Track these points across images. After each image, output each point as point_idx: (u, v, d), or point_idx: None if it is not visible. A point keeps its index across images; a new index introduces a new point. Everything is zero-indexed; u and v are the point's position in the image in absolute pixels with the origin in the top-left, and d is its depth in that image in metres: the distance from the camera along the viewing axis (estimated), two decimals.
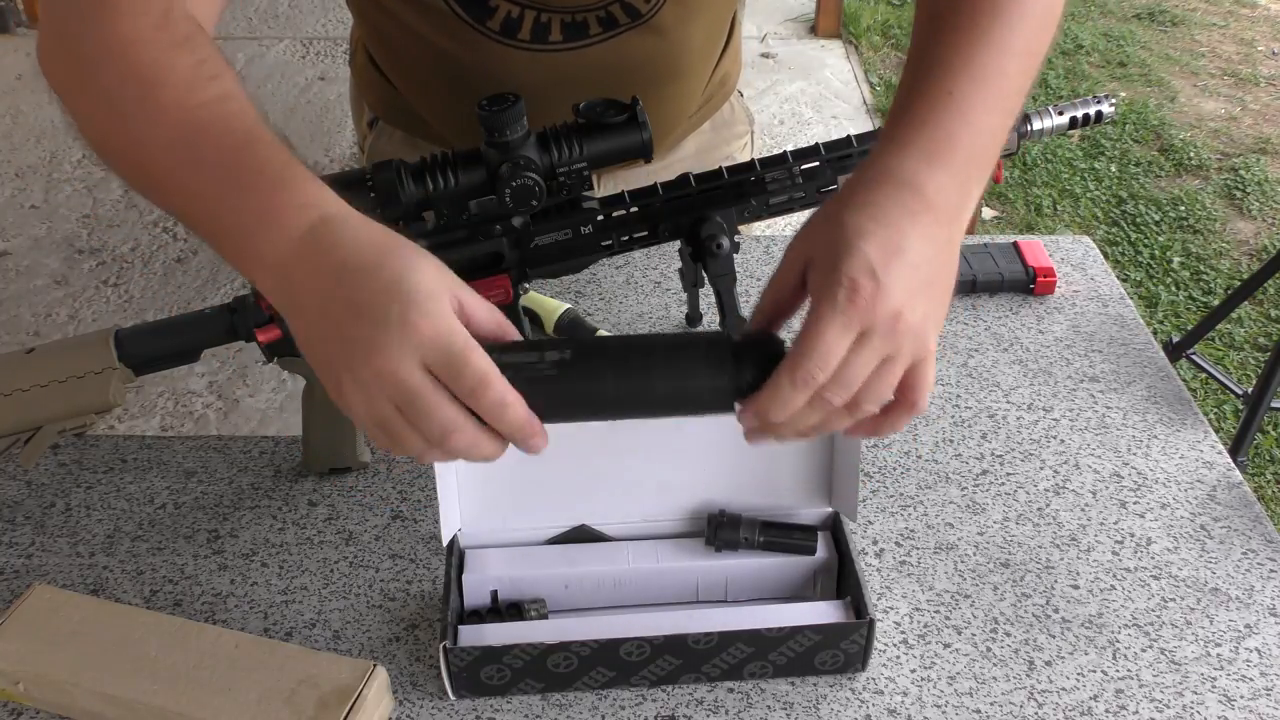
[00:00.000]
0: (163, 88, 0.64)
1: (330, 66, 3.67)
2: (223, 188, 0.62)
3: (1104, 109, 0.85)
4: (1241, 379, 2.45)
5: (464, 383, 0.57)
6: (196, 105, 0.64)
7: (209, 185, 0.63)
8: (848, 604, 0.76)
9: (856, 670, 0.75)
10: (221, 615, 0.81)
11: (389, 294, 0.56)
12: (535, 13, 0.93)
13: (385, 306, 0.56)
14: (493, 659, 0.72)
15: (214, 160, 0.63)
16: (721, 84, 1.15)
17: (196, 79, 0.65)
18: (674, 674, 0.74)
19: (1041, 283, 1.11)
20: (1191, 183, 3.29)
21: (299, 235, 0.59)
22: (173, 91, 0.64)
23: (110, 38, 0.66)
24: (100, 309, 2.63)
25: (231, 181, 0.62)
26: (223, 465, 0.94)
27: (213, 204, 0.63)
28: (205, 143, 0.63)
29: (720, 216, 0.83)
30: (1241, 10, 4.39)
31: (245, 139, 0.63)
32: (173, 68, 0.65)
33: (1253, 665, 0.76)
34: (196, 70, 0.65)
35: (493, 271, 0.82)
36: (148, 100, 0.64)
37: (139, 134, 0.65)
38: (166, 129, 0.64)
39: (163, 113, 0.64)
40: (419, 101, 1.08)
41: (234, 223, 0.62)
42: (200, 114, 0.64)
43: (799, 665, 0.74)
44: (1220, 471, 0.92)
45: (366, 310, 0.56)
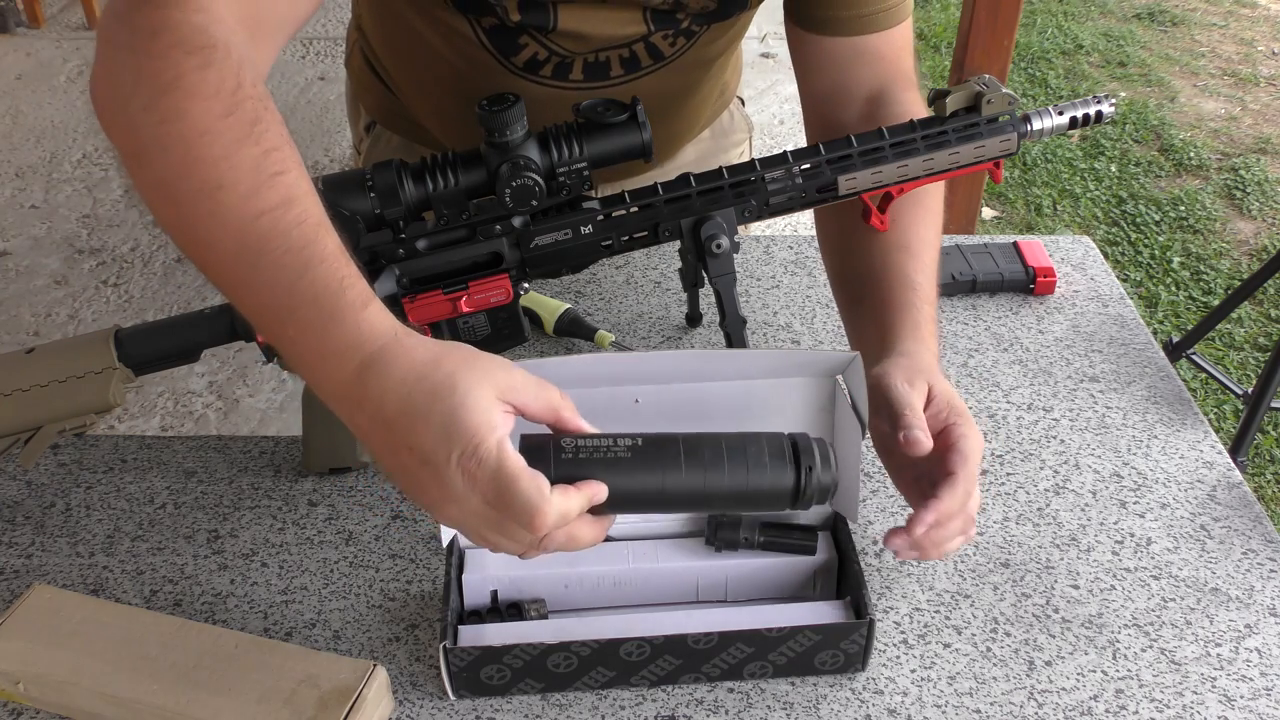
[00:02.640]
0: (226, 191, 0.62)
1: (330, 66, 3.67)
2: (280, 317, 0.63)
3: (1104, 109, 0.85)
4: (1241, 379, 2.45)
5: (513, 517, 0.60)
6: (258, 214, 0.62)
7: (267, 310, 0.64)
8: (848, 604, 0.76)
9: (856, 670, 0.75)
10: (221, 615, 0.81)
11: (444, 439, 0.59)
12: (561, 57, 0.94)
13: (444, 453, 0.59)
14: (493, 659, 0.72)
15: (272, 282, 0.62)
16: (721, 93, 1.15)
17: (260, 180, 0.63)
18: (674, 674, 0.74)
19: (1041, 283, 1.11)
20: (1191, 183, 3.29)
21: (350, 380, 0.62)
22: (236, 196, 0.62)
23: (176, 126, 0.63)
24: (100, 309, 2.63)
25: (288, 312, 0.62)
26: (223, 465, 0.94)
27: (273, 327, 0.64)
28: (265, 262, 0.62)
29: (720, 216, 0.83)
30: (1241, 10, 4.39)
31: (303, 262, 0.62)
32: (237, 167, 0.63)
33: (1253, 665, 0.76)
34: (261, 166, 0.63)
35: (493, 271, 0.82)
36: (211, 201, 0.63)
37: (200, 233, 0.64)
38: (229, 237, 0.63)
39: (225, 218, 0.63)
40: (423, 112, 1.08)
41: (291, 352, 0.64)
42: (262, 225, 0.62)
43: (799, 665, 0.74)
44: (1220, 471, 0.92)
45: (426, 458, 0.60)
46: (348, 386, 0.62)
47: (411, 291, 0.82)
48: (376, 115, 1.15)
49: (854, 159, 0.83)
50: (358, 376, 0.61)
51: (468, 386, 0.60)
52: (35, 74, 3.68)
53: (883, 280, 0.85)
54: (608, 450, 0.63)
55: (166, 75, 0.63)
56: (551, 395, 0.64)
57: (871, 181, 0.84)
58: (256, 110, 0.64)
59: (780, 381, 0.78)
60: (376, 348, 0.62)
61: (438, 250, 0.81)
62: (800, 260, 1.17)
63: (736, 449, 0.64)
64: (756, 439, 0.65)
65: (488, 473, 0.59)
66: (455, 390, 0.60)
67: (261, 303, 0.64)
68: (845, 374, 0.77)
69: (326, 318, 0.62)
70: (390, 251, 0.81)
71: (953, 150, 0.83)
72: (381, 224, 0.78)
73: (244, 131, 0.63)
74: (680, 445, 0.64)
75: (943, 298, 1.11)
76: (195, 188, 0.63)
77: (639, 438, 0.64)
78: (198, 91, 0.63)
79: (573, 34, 0.91)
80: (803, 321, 1.08)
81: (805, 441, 0.66)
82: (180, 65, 0.63)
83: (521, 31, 0.92)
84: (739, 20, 0.98)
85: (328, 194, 0.76)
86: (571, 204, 0.83)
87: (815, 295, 1.12)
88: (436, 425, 0.59)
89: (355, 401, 0.62)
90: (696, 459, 0.64)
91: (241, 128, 0.63)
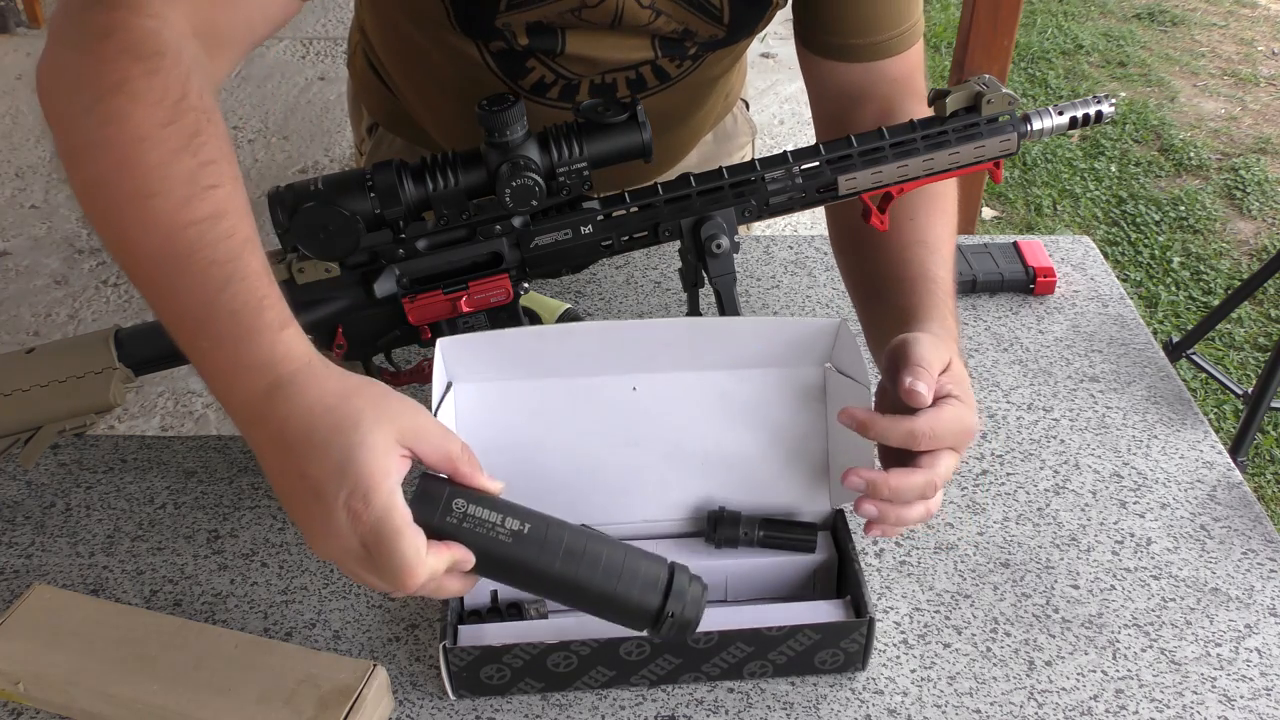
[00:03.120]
0: (159, 199, 0.63)
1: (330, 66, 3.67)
2: (196, 326, 0.63)
3: (1104, 109, 0.85)
4: (1241, 379, 2.45)
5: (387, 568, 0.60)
6: (187, 224, 0.62)
7: (185, 318, 0.64)
8: (847, 603, 0.76)
9: (856, 669, 0.75)
10: (221, 615, 0.81)
11: (337, 476, 0.59)
12: (567, 80, 0.94)
13: (334, 490, 0.59)
14: (492, 658, 0.72)
15: (192, 291, 0.63)
16: (724, 97, 1.15)
17: (193, 191, 0.63)
18: (674, 673, 0.74)
19: (1041, 283, 1.11)
20: (1191, 183, 3.29)
21: (257, 397, 0.62)
22: (167, 204, 0.63)
23: (116, 129, 0.63)
24: (100, 309, 2.63)
25: (205, 322, 0.63)
26: (223, 465, 0.94)
27: (188, 335, 0.64)
28: (188, 270, 0.62)
29: (720, 216, 0.83)
30: (1241, 10, 4.39)
31: (225, 275, 0.62)
32: (171, 176, 0.63)
33: (1253, 665, 0.76)
34: (195, 177, 0.64)
35: (493, 271, 0.82)
36: (141, 208, 0.63)
37: (128, 236, 0.64)
38: (154, 241, 0.63)
39: (154, 224, 0.63)
40: (426, 118, 1.08)
41: (202, 363, 0.64)
42: (189, 235, 0.62)
43: (799, 664, 0.74)
44: (1220, 471, 0.92)
45: (318, 491, 0.60)
46: (254, 403, 0.62)
47: (411, 291, 0.82)
48: (379, 117, 1.14)
49: (854, 159, 0.83)
50: (266, 395, 0.62)
51: (370, 426, 0.61)
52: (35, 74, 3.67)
53: (902, 274, 0.84)
54: (491, 529, 0.64)
55: (112, 78, 0.63)
56: (452, 447, 0.64)
57: (871, 181, 0.84)
58: (198, 122, 0.65)
59: (770, 371, 0.78)
60: (289, 370, 0.62)
61: (438, 250, 0.81)
62: (800, 260, 1.17)
63: (614, 562, 0.66)
64: (638, 557, 0.67)
65: (372, 519, 0.59)
66: (358, 428, 0.60)
67: (180, 310, 0.64)
68: (833, 348, 0.77)
69: (243, 332, 0.62)
70: (390, 251, 0.81)
71: (953, 150, 0.83)
72: (381, 224, 0.78)
73: (182, 142, 0.64)
74: (563, 545, 0.65)
75: None
76: (128, 192, 0.63)
77: (527, 523, 0.65)
78: (141, 98, 0.63)
79: (580, 58, 0.92)
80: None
81: (681, 579, 0.67)
82: (127, 70, 0.63)
83: (529, 55, 0.92)
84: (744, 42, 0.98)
85: (328, 194, 0.76)
86: (571, 204, 0.83)
87: (815, 295, 1.12)
88: (333, 460, 0.60)
89: (258, 418, 0.62)
90: (572, 560, 0.65)
91: (180, 138, 0.64)
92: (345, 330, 0.83)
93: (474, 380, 0.77)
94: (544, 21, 0.88)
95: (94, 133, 0.64)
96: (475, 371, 0.77)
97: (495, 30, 0.89)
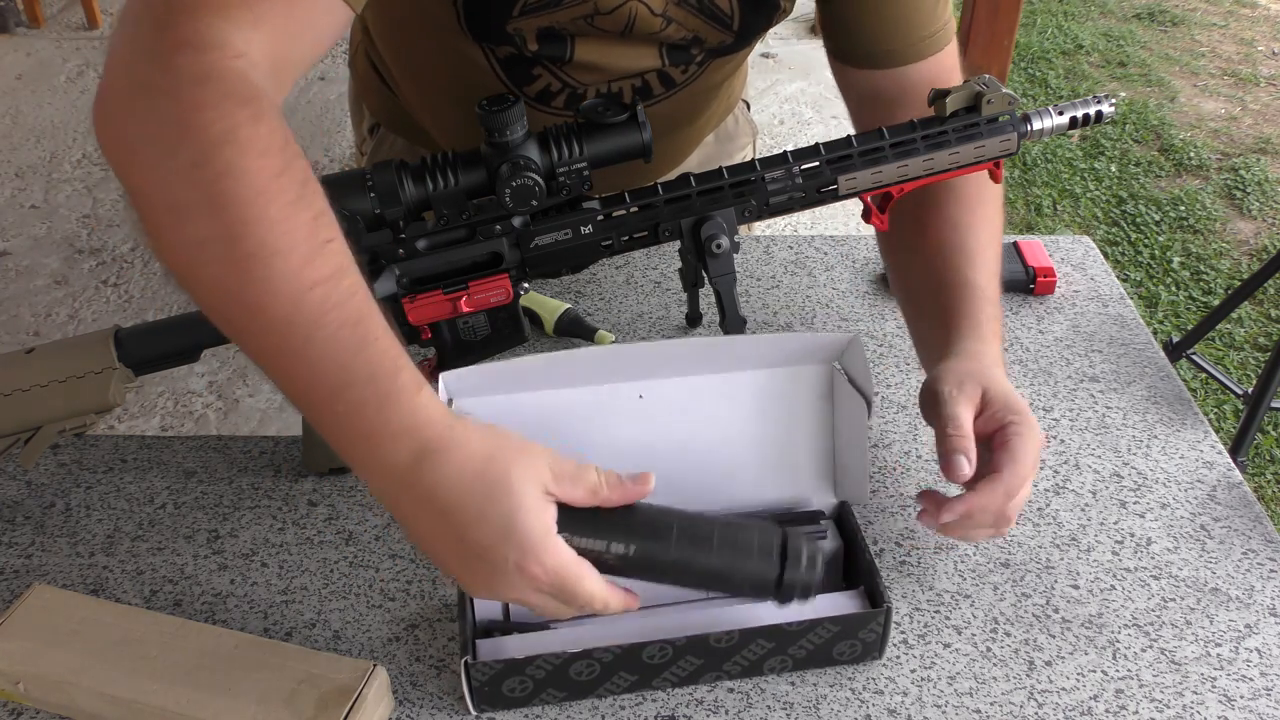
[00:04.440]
0: (282, 258, 0.60)
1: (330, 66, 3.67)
2: (332, 392, 0.61)
3: (1104, 109, 0.85)
4: (1241, 379, 2.45)
5: (577, 605, 0.65)
6: (312, 285, 0.60)
7: (318, 384, 0.61)
8: (861, 593, 0.77)
9: (874, 658, 0.76)
10: (221, 615, 0.81)
11: (502, 541, 0.61)
12: (573, 89, 0.94)
13: (501, 553, 0.62)
14: (515, 671, 0.71)
15: (326, 356, 0.60)
16: (727, 99, 1.15)
17: (313, 247, 0.61)
18: (696, 674, 0.74)
19: (1041, 283, 1.11)
20: (1191, 183, 3.29)
21: (403, 465, 0.61)
22: (291, 263, 0.60)
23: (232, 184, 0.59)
24: (100, 309, 2.63)
25: (342, 389, 0.61)
26: (223, 465, 0.94)
27: (321, 401, 0.62)
28: (319, 335, 0.60)
29: (720, 216, 0.83)
30: (1241, 10, 4.39)
31: (359, 339, 0.61)
32: (293, 232, 0.60)
33: (1253, 665, 0.76)
34: (314, 232, 0.61)
35: (493, 271, 0.82)
36: (265, 267, 0.60)
37: (250, 298, 0.60)
38: (281, 304, 0.60)
39: (278, 285, 0.60)
40: (427, 120, 1.08)
41: (338, 428, 0.62)
42: (315, 296, 0.60)
43: (818, 657, 0.75)
44: (1220, 471, 0.92)
45: (482, 553, 0.62)
46: (400, 470, 0.61)
47: (411, 291, 0.82)
48: (380, 117, 1.14)
49: (854, 159, 0.83)
50: (413, 463, 0.61)
51: (521, 487, 0.62)
52: (35, 74, 3.68)
53: (942, 285, 0.85)
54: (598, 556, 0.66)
55: (218, 128, 0.60)
56: (589, 479, 0.65)
57: (871, 181, 0.84)
58: (304, 169, 0.62)
59: (778, 370, 0.78)
60: (433, 434, 0.62)
61: (438, 250, 0.81)
62: (800, 260, 1.17)
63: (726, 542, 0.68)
64: (750, 532, 0.69)
65: (552, 577, 0.63)
66: (511, 493, 0.61)
67: (312, 376, 0.61)
68: (843, 356, 0.77)
69: (383, 398, 0.61)
70: (390, 251, 0.81)
71: (953, 150, 0.83)
72: (381, 224, 0.78)
73: (297, 193, 0.61)
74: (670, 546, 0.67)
75: None
76: (249, 251, 0.60)
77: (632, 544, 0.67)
78: (252, 148, 0.60)
79: (588, 66, 0.91)
80: (803, 321, 1.08)
81: (796, 543, 0.69)
82: (233, 118, 0.60)
83: (535, 63, 0.92)
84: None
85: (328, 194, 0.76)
86: (571, 204, 0.83)
87: (815, 295, 1.12)
88: (495, 527, 0.61)
89: (405, 485, 0.62)
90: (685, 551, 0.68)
91: (294, 188, 0.61)
92: None
93: (477, 395, 0.76)
94: (556, 28, 0.88)
95: (207, 186, 0.60)
96: (480, 390, 0.76)
97: (506, 35, 0.88)
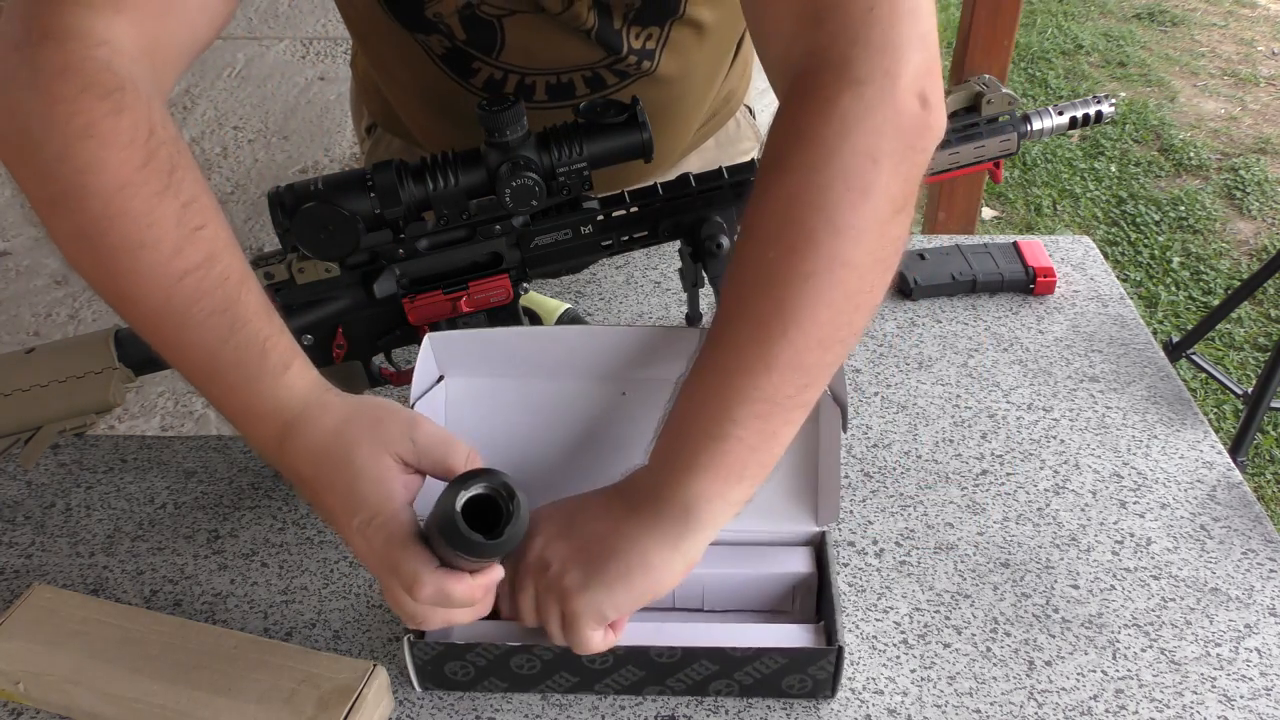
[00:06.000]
0: (149, 250, 0.62)
1: (330, 66, 3.67)
2: (205, 376, 0.66)
3: (1104, 109, 0.86)
4: (1241, 379, 2.45)
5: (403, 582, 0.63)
6: (181, 274, 0.62)
7: (194, 369, 0.66)
8: (820, 629, 0.74)
9: (825, 697, 0.73)
10: (221, 615, 0.81)
11: (348, 508, 0.64)
12: (519, 76, 0.93)
13: (348, 520, 0.64)
14: (456, 655, 0.71)
15: (197, 344, 0.64)
16: (726, 101, 1.15)
17: (182, 236, 0.62)
18: (638, 685, 0.73)
19: (1041, 283, 1.11)
20: (1191, 183, 3.29)
21: (271, 443, 0.66)
22: (159, 254, 0.62)
23: (94, 178, 0.61)
24: (100, 309, 2.63)
25: (213, 374, 0.65)
26: (223, 465, 0.94)
27: (199, 383, 0.66)
28: (189, 323, 0.63)
29: (720, 216, 0.83)
30: (1241, 10, 4.39)
31: (227, 325, 0.63)
32: (159, 223, 0.62)
33: (1253, 665, 0.76)
34: (182, 220, 0.62)
35: (493, 271, 0.82)
36: (133, 259, 0.62)
37: (123, 288, 0.63)
38: (152, 295, 0.63)
39: (148, 276, 0.62)
40: (410, 122, 1.08)
41: (218, 405, 0.67)
42: (186, 286, 0.62)
43: (765, 687, 0.72)
44: (1220, 471, 0.92)
45: (335, 520, 0.66)
46: (270, 445, 0.66)
47: (411, 291, 0.82)
48: (378, 118, 1.15)
49: None
50: (278, 441, 0.66)
51: (366, 457, 0.64)
52: None
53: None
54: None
55: (78, 121, 0.61)
56: (453, 461, 0.66)
57: None
58: (172, 156, 0.63)
59: None
60: (293, 416, 0.65)
61: (438, 250, 0.81)
62: None
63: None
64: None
65: (380, 541, 0.63)
66: (352, 461, 0.64)
67: (187, 362, 0.66)
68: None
69: (250, 381, 0.65)
70: (390, 251, 0.81)
71: (952, 150, 0.84)
72: (381, 224, 0.78)
73: (163, 183, 0.62)
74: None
75: (943, 298, 1.11)
76: (116, 244, 0.62)
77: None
78: (112, 140, 0.61)
79: (522, 51, 0.91)
80: None
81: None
82: (92, 111, 0.61)
83: (471, 56, 0.92)
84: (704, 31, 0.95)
85: (328, 194, 0.76)
86: (571, 204, 0.83)
87: None
88: (340, 494, 0.64)
89: (275, 460, 0.67)
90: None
91: (160, 178, 0.62)
92: (345, 330, 0.83)
93: (464, 375, 0.77)
94: (475, 8, 0.87)
95: (70, 181, 0.61)
96: (466, 366, 0.77)
97: (430, 23, 0.88)
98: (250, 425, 0.66)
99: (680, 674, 0.72)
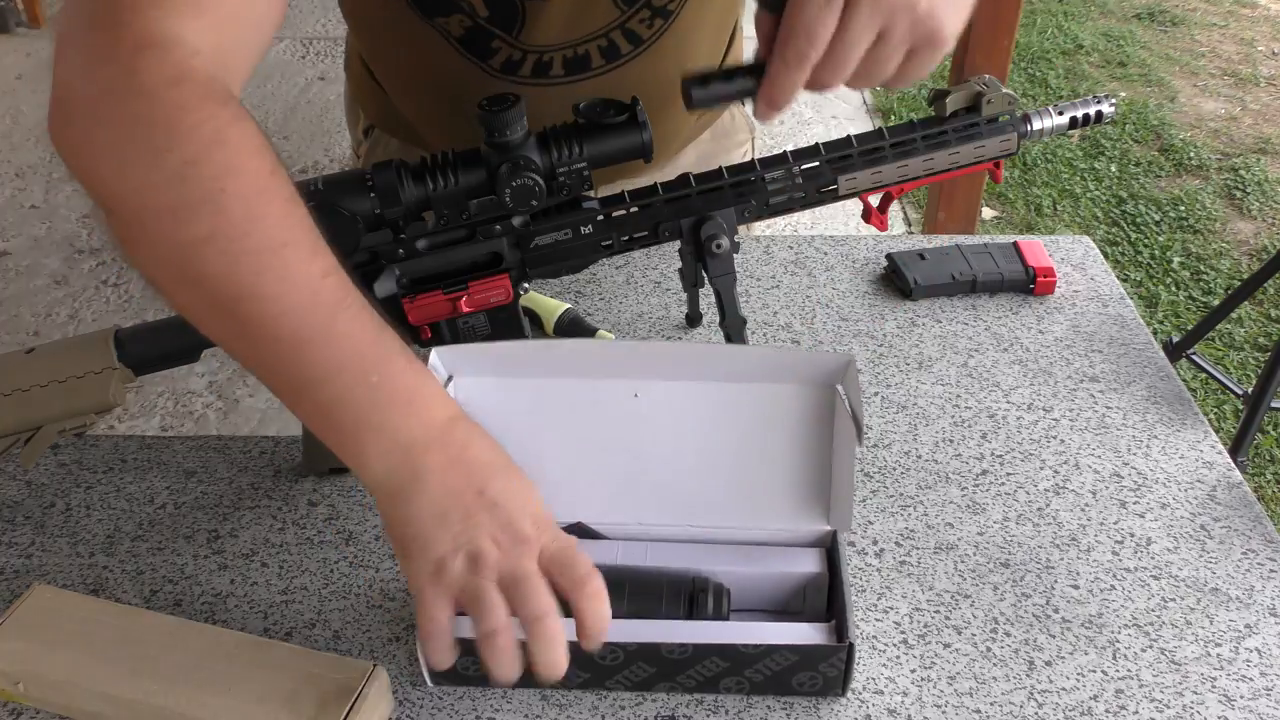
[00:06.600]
0: (292, 249, 0.62)
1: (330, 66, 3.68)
2: (367, 364, 0.63)
3: (1104, 109, 0.86)
4: (1241, 379, 2.45)
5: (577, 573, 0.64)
6: (324, 273, 0.63)
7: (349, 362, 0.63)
8: (831, 627, 0.74)
9: (836, 694, 0.74)
10: (221, 615, 0.81)
11: (523, 499, 0.65)
12: (537, 55, 0.94)
13: (522, 504, 0.64)
14: (468, 651, 0.71)
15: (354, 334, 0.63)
16: None
17: (315, 239, 0.63)
18: (649, 681, 0.73)
19: (1041, 283, 1.11)
20: (1191, 183, 3.29)
21: (441, 421, 0.65)
22: (301, 253, 0.62)
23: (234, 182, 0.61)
24: (100, 309, 2.63)
25: (379, 360, 0.64)
26: (223, 465, 0.94)
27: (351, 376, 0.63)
28: (343, 317, 0.63)
29: (720, 216, 0.83)
30: (1241, 10, 4.39)
31: (377, 320, 0.64)
32: (297, 225, 0.62)
33: (1253, 665, 0.76)
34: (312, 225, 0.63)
35: (493, 271, 0.82)
36: (279, 258, 0.61)
37: (264, 288, 0.61)
38: (299, 292, 0.62)
39: (293, 275, 0.62)
40: (415, 117, 1.08)
41: (373, 401, 0.64)
42: (331, 283, 0.63)
43: (776, 684, 0.73)
44: (1220, 471, 0.92)
45: (504, 503, 0.64)
46: (435, 427, 0.64)
47: (411, 291, 0.82)
48: (374, 119, 1.15)
49: (854, 159, 0.83)
50: (449, 422, 0.65)
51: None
52: (35, 74, 3.68)
53: None
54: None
55: (207, 129, 0.61)
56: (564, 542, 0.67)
57: (871, 181, 0.84)
58: (283, 165, 0.64)
59: (781, 388, 0.77)
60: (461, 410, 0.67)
61: (438, 250, 0.81)
62: (800, 260, 1.17)
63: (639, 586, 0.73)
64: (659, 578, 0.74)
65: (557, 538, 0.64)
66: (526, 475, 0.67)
67: (339, 356, 0.63)
68: (843, 380, 0.76)
69: (418, 367, 0.66)
70: (390, 251, 0.81)
71: (953, 150, 0.84)
72: (381, 224, 0.79)
73: (291, 191, 0.63)
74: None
75: (943, 298, 1.11)
76: (259, 245, 0.61)
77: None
78: (243, 146, 0.62)
79: (544, 25, 0.91)
80: (803, 321, 1.08)
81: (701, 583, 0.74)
82: (218, 118, 0.61)
83: (491, 35, 0.92)
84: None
85: (328, 194, 0.76)
86: (571, 204, 0.83)
87: (815, 295, 1.12)
88: (519, 483, 0.65)
89: (437, 443, 0.64)
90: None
91: (288, 186, 0.63)
92: None
93: (473, 375, 0.77)
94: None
95: (205, 187, 0.60)
96: (475, 369, 0.77)
97: (451, 3, 0.88)
98: (417, 407, 0.64)
99: (691, 670, 0.72)
